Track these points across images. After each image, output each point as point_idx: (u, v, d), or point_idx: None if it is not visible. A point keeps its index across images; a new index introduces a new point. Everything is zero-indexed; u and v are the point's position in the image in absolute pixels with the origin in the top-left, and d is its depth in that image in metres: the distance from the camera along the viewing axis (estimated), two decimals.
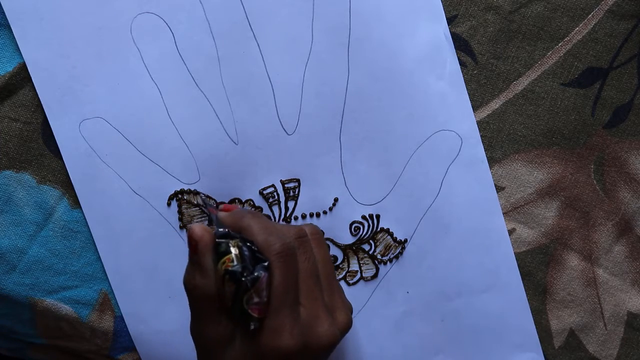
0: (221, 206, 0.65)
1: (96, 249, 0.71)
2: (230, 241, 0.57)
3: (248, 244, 0.57)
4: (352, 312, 0.63)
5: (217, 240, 0.58)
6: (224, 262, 0.56)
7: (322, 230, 0.69)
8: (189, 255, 0.58)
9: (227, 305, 0.57)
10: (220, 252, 0.57)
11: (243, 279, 0.56)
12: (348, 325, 0.60)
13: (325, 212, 0.71)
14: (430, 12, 0.69)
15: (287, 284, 0.57)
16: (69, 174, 0.69)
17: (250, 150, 0.70)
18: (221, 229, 0.59)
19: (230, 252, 0.57)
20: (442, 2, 0.69)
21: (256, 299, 0.56)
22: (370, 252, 0.72)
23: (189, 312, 0.68)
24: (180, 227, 0.71)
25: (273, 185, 0.71)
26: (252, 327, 0.56)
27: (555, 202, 0.72)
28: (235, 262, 0.56)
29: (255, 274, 0.56)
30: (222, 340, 0.58)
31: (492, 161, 0.71)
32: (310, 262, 0.59)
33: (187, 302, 0.69)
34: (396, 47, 0.69)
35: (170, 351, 0.72)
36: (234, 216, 0.60)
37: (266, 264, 0.56)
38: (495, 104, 0.71)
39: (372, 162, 0.70)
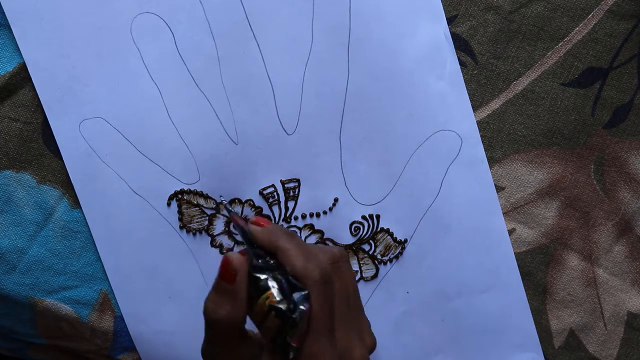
0: (252, 218, 0.63)
1: (96, 249, 0.71)
2: (270, 274, 0.56)
3: (286, 276, 0.56)
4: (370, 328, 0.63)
5: (254, 275, 0.56)
6: (267, 297, 0.55)
7: (346, 253, 0.69)
8: (216, 282, 0.56)
9: (266, 341, 0.56)
10: (259, 286, 0.55)
11: (291, 315, 0.54)
12: (374, 346, 0.60)
13: (325, 212, 0.71)
14: (430, 12, 0.69)
15: (325, 312, 0.56)
16: (69, 174, 0.69)
17: (250, 150, 0.70)
18: (259, 260, 0.57)
19: (269, 286, 0.55)
20: (442, 2, 0.69)
21: (298, 330, 0.55)
22: (370, 252, 0.72)
23: (189, 312, 0.69)
24: (180, 227, 0.71)
25: (273, 185, 0.71)
26: (292, 356, 0.56)
27: (555, 202, 0.72)
28: (277, 297, 0.55)
29: (301, 307, 0.55)
30: None
31: (492, 161, 0.71)
32: (343, 287, 0.58)
33: (187, 302, 0.69)
34: (396, 47, 0.69)
35: (170, 351, 0.72)
36: (268, 235, 0.58)
37: (305, 293, 0.55)
38: (495, 104, 0.71)
39: (372, 162, 0.70)
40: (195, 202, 0.70)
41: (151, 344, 0.72)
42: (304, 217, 0.71)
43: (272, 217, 0.71)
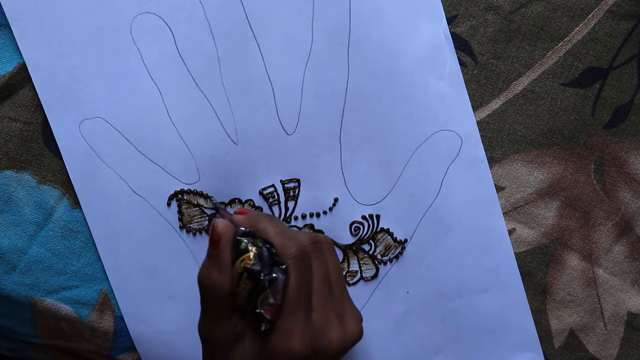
0: (236, 208, 0.65)
1: (96, 249, 0.71)
2: (251, 240, 0.57)
3: (267, 245, 0.58)
4: (361, 322, 0.63)
5: (237, 237, 0.58)
6: (242, 260, 0.56)
7: (332, 240, 0.70)
8: (208, 250, 0.58)
9: (241, 304, 0.57)
10: (240, 250, 0.57)
11: (261, 277, 0.56)
12: (358, 334, 0.60)
13: (325, 212, 0.71)
14: (430, 12, 0.69)
15: (302, 288, 0.57)
16: (69, 174, 0.70)
17: (250, 150, 0.70)
18: (242, 229, 0.59)
19: (250, 251, 0.57)
20: (442, 2, 0.69)
21: (271, 300, 0.56)
22: (370, 252, 0.72)
23: (189, 312, 0.68)
24: (180, 227, 0.71)
25: (273, 185, 0.71)
26: (263, 328, 0.56)
27: (555, 202, 0.72)
28: (254, 261, 0.56)
29: (274, 275, 0.56)
30: (231, 339, 0.58)
31: (492, 161, 0.71)
32: (323, 268, 0.59)
33: (187, 302, 0.69)
34: (396, 47, 0.69)
35: (170, 351, 0.72)
36: (250, 219, 0.60)
37: (284, 267, 0.56)
38: (495, 104, 0.71)
39: (372, 162, 0.70)
40: (195, 202, 0.70)
41: (151, 344, 0.72)
42: (304, 217, 0.71)
43: None
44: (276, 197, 0.71)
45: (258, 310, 0.56)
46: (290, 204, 0.71)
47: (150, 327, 0.72)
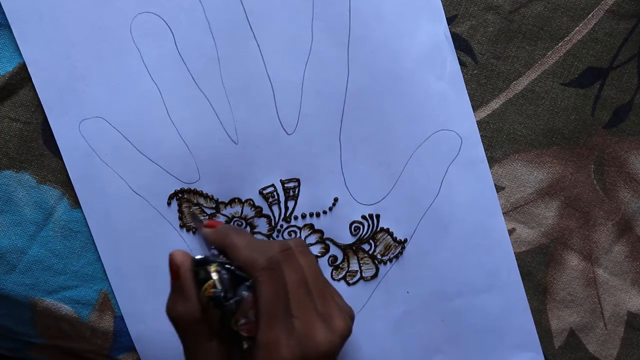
0: (205, 221, 0.65)
1: (96, 249, 0.71)
2: (209, 266, 0.57)
3: (227, 265, 0.58)
4: (353, 318, 0.62)
5: (195, 268, 0.58)
6: (205, 289, 0.57)
7: (305, 242, 0.70)
8: (170, 283, 0.59)
9: (216, 329, 0.57)
10: (201, 279, 0.57)
11: (226, 303, 0.56)
12: (346, 331, 0.59)
13: (325, 212, 0.71)
14: (430, 12, 0.69)
15: (276, 298, 0.56)
16: (69, 174, 0.70)
17: (250, 150, 0.70)
18: (198, 256, 0.59)
19: (211, 278, 0.57)
20: (442, 2, 0.69)
21: (243, 320, 0.56)
22: (370, 252, 0.72)
23: None
24: (180, 227, 0.71)
25: (273, 185, 0.71)
26: (246, 346, 0.56)
27: (555, 202, 0.72)
28: (216, 287, 0.56)
29: (237, 296, 0.56)
30: (218, 358, 0.58)
31: (492, 161, 0.71)
32: (297, 273, 0.58)
33: None
34: (396, 47, 0.69)
35: (170, 351, 0.72)
36: (217, 233, 0.61)
37: (249, 283, 0.57)
38: (495, 104, 0.71)
39: (372, 161, 0.70)
40: (196, 202, 0.71)
41: (151, 344, 0.72)
42: (303, 216, 0.71)
43: (272, 217, 0.71)
44: (276, 197, 0.71)
45: (236, 331, 0.56)
46: (290, 204, 0.71)
47: (150, 327, 0.72)
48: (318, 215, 0.71)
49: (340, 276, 0.72)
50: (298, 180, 0.71)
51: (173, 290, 0.58)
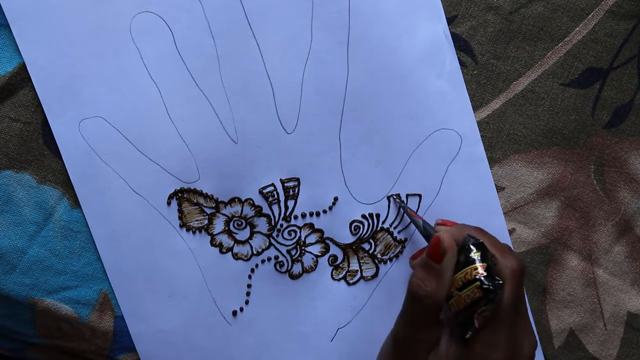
0: (438, 220, 0.66)
1: (96, 249, 0.71)
2: (471, 253, 0.58)
3: (490, 258, 0.58)
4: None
5: (469, 245, 0.58)
6: (466, 273, 0.57)
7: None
8: (424, 260, 0.59)
9: (456, 309, 0.58)
10: (468, 259, 0.58)
11: (492, 289, 0.56)
12: (534, 350, 0.61)
13: (325, 211, 0.71)
14: (430, 10, 0.69)
15: (514, 304, 0.58)
16: (69, 174, 0.69)
17: (250, 149, 0.70)
18: (472, 237, 0.59)
19: (475, 262, 0.57)
20: (442, 2, 0.69)
21: (487, 312, 0.56)
22: (371, 252, 0.72)
23: (189, 311, 0.68)
24: (180, 226, 0.71)
25: (273, 184, 0.71)
26: (468, 335, 0.57)
27: (555, 202, 0.72)
28: (481, 271, 0.57)
29: (497, 285, 0.57)
30: (431, 344, 0.59)
31: (492, 161, 0.71)
32: (523, 287, 0.60)
33: (188, 301, 0.69)
34: (395, 46, 0.69)
35: (171, 350, 0.72)
36: (461, 231, 0.61)
37: (500, 281, 0.57)
38: (495, 104, 0.71)
39: (371, 161, 0.70)
40: (195, 201, 0.71)
41: (151, 344, 0.72)
42: (303, 216, 0.71)
43: (272, 216, 0.71)
44: (276, 196, 0.71)
45: (467, 319, 0.57)
46: (290, 203, 0.71)
47: (150, 326, 0.72)
48: (318, 214, 0.71)
49: (341, 276, 0.72)
50: (298, 180, 0.71)
51: (425, 268, 0.59)
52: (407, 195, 0.71)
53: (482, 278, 0.56)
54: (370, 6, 0.68)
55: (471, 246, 0.58)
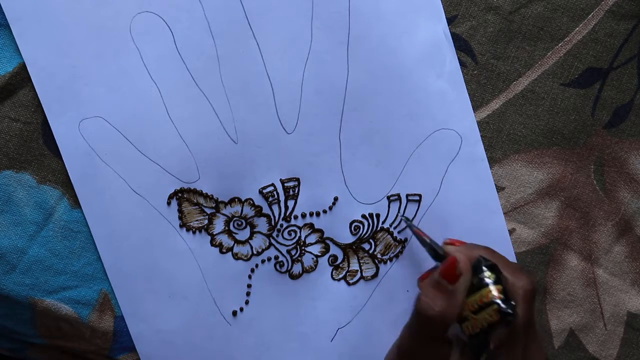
0: (446, 239, 0.66)
1: (96, 249, 0.71)
2: (484, 274, 0.58)
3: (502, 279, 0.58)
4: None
5: (483, 267, 0.58)
6: (482, 296, 0.57)
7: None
8: (436, 280, 0.59)
9: (471, 332, 0.57)
10: (481, 281, 0.58)
11: (510, 312, 0.56)
12: None
13: (325, 211, 0.71)
14: (430, 10, 0.69)
15: (526, 325, 0.58)
16: (69, 174, 0.69)
17: (250, 149, 0.70)
18: (485, 259, 0.59)
19: (487, 283, 0.57)
20: (442, 2, 0.69)
21: (502, 334, 0.57)
22: (371, 252, 0.72)
23: (189, 311, 0.68)
24: (180, 226, 0.71)
25: (273, 184, 0.71)
26: (484, 358, 0.57)
27: (555, 202, 0.72)
28: (496, 294, 0.57)
29: (512, 310, 0.57)
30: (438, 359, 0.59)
31: (492, 161, 0.71)
32: (535, 306, 0.60)
33: (188, 301, 0.69)
34: (396, 46, 0.69)
35: (171, 350, 0.72)
36: (471, 251, 0.61)
37: (513, 303, 0.57)
38: (495, 104, 0.71)
39: (371, 160, 0.70)
40: (195, 201, 0.71)
41: (151, 344, 0.72)
42: (303, 216, 0.71)
43: (272, 216, 0.71)
44: (276, 196, 0.71)
45: (481, 342, 0.57)
46: (290, 203, 0.71)
47: (150, 326, 0.72)
48: (318, 214, 0.71)
49: (341, 276, 0.72)
50: (298, 180, 0.71)
51: (435, 288, 0.58)
52: (407, 195, 0.71)
53: (500, 302, 0.56)
54: (370, 6, 0.68)
55: (484, 268, 0.58)
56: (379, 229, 0.72)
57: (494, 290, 0.57)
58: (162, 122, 0.69)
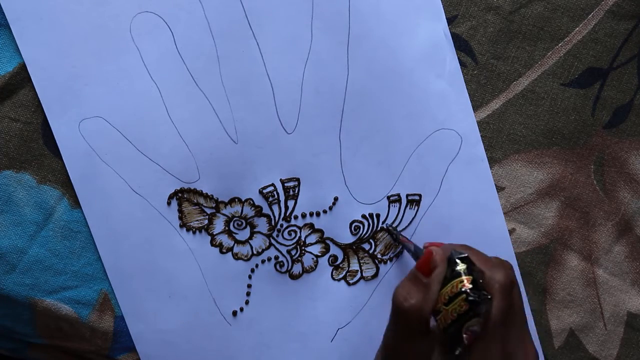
0: (425, 243, 0.66)
1: (96, 249, 0.71)
2: (457, 266, 0.58)
3: (477, 272, 0.58)
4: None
5: (455, 259, 0.58)
6: (452, 285, 0.57)
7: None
8: (412, 273, 0.59)
9: (443, 324, 0.57)
10: (454, 272, 0.58)
11: (479, 303, 0.56)
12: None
13: (325, 212, 0.71)
14: (430, 10, 0.69)
15: (503, 318, 0.57)
16: (69, 174, 0.69)
17: (250, 149, 0.70)
18: (457, 252, 0.59)
19: (461, 275, 0.57)
20: (442, 2, 0.69)
21: (475, 327, 0.56)
22: (371, 252, 0.72)
23: (189, 311, 0.68)
24: (180, 226, 0.71)
25: (273, 184, 0.71)
26: (457, 352, 0.57)
27: (555, 202, 0.72)
28: (468, 284, 0.57)
29: (484, 300, 0.56)
30: (421, 356, 0.59)
31: (492, 161, 0.71)
32: (519, 299, 0.59)
33: (188, 301, 0.69)
34: (396, 46, 0.69)
35: (171, 350, 0.72)
36: (448, 248, 0.61)
37: (489, 296, 0.57)
38: (495, 104, 0.71)
39: (371, 160, 0.71)
40: (195, 201, 0.71)
41: (151, 343, 0.72)
42: (303, 216, 0.71)
43: (272, 216, 0.71)
44: (276, 196, 0.71)
45: (456, 335, 0.57)
46: (290, 203, 0.71)
47: (150, 326, 0.72)
48: (318, 214, 0.71)
49: (341, 276, 0.72)
50: (298, 180, 0.71)
51: (412, 281, 0.59)
52: (407, 195, 0.71)
53: (468, 290, 0.56)
54: (370, 6, 0.68)
55: (457, 260, 0.58)
56: (379, 229, 0.72)
57: (464, 281, 0.57)
58: (162, 122, 0.69)
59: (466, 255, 0.58)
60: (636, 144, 0.72)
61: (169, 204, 0.70)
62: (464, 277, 0.57)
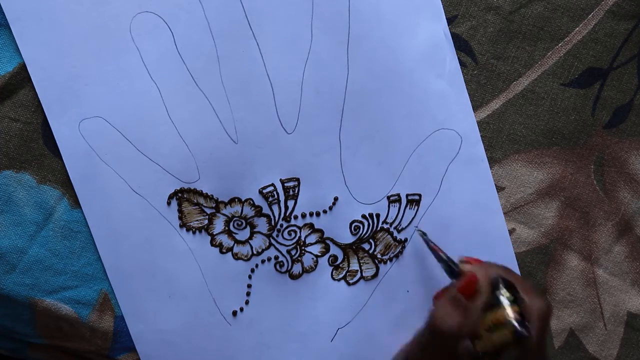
0: (462, 257, 0.65)
1: (96, 249, 0.71)
2: (501, 294, 0.58)
3: (519, 301, 0.58)
4: None
5: (499, 291, 0.58)
6: (495, 313, 0.57)
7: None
8: (454, 296, 0.59)
9: (483, 349, 0.57)
10: (496, 301, 0.58)
11: (526, 335, 0.56)
12: None
13: (325, 211, 0.71)
14: (430, 10, 0.69)
15: (539, 347, 0.58)
16: (69, 174, 0.69)
17: (250, 149, 0.70)
18: (502, 280, 0.59)
19: (506, 303, 0.57)
20: (442, 2, 0.69)
21: (514, 354, 0.56)
22: (371, 252, 0.72)
23: (189, 311, 0.68)
24: (180, 226, 0.71)
25: (273, 184, 0.71)
26: None
27: (555, 202, 0.72)
28: (515, 315, 0.57)
29: (526, 331, 0.57)
30: None
31: (492, 161, 0.71)
32: (548, 330, 0.59)
33: (188, 301, 0.69)
34: (396, 46, 0.69)
35: (171, 350, 0.72)
36: (488, 270, 0.61)
37: (527, 325, 0.57)
38: (495, 104, 0.71)
39: (371, 160, 0.70)
40: (195, 201, 0.71)
41: (151, 343, 0.72)
42: (303, 216, 0.71)
43: (272, 216, 0.71)
44: (276, 196, 0.71)
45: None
46: (290, 203, 0.71)
47: (150, 326, 0.72)
48: (318, 214, 0.71)
49: (341, 276, 0.72)
50: (298, 180, 0.71)
51: (451, 303, 0.59)
52: (407, 195, 0.71)
53: (516, 324, 0.56)
54: (370, 6, 0.68)
55: (501, 287, 0.58)
56: (379, 229, 0.72)
57: (511, 312, 0.57)
58: (162, 122, 0.69)
59: (511, 283, 0.58)
60: (636, 144, 0.72)
61: (169, 204, 0.70)
62: (509, 309, 0.57)
